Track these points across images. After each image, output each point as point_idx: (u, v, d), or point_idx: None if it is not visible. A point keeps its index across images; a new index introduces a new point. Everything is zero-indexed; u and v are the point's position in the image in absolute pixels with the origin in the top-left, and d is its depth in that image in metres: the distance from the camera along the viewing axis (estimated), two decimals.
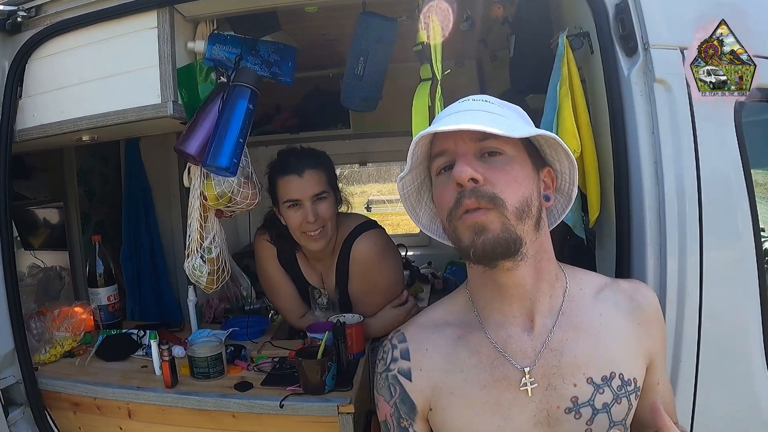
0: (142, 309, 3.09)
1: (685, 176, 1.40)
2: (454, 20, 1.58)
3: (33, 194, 2.91)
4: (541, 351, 1.09)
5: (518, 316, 1.11)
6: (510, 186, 1.02)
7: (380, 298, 2.08)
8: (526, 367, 1.08)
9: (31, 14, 1.71)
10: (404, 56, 1.80)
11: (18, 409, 1.77)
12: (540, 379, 1.08)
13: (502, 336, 1.11)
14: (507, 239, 1.00)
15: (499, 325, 1.12)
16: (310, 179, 1.92)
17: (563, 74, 1.50)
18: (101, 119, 1.67)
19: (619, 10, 1.44)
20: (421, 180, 1.18)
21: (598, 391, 1.07)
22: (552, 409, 1.08)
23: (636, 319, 1.14)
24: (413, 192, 1.18)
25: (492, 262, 1.03)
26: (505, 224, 1.00)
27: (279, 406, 1.60)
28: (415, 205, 1.21)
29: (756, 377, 1.48)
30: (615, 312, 1.14)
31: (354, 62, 1.72)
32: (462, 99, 1.13)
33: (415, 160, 1.11)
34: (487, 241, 1.00)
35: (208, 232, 1.88)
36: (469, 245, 1.02)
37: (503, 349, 1.10)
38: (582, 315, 1.12)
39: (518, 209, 1.01)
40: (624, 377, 1.09)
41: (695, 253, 1.40)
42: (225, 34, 1.77)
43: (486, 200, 1.00)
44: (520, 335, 1.11)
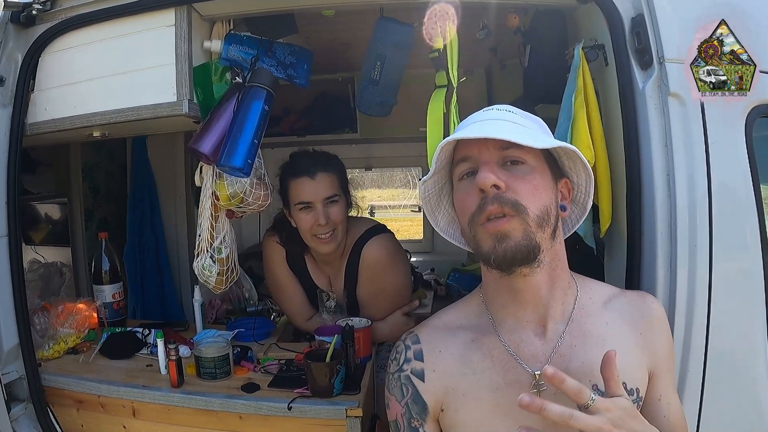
0: (144, 308, 3.08)
1: (697, 189, 1.41)
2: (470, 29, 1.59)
3: (37, 189, 2.90)
4: (552, 356, 1.10)
5: (531, 321, 1.13)
6: (531, 194, 1.04)
7: (388, 303, 2.09)
8: (537, 371, 1.09)
9: (47, 8, 1.70)
10: (414, 63, 1.81)
11: (20, 405, 1.76)
12: (550, 384, 1.09)
13: (514, 340, 1.13)
14: (527, 246, 1.03)
15: (512, 329, 1.14)
16: (322, 182, 1.92)
17: (578, 85, 1.52)
18: (115, 115, 1.66)
19: (635, 24, 1.45)
20: (442, 184, 1.20)
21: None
22: None
23: (640, 329, 1.15)
24: (434, 195, 1.20)
25: (510, 267, 1.05)
26: (526, 231, 1.03)
27: (287, 408, 1.60)
28: (435, 208, 1.23)
29: (761, 388, 1.48)
30: (620, 321, 1.15)
31: (371, 67, 1.73)
32: (486, 108, 1.15)
33: (438, 165, 1.12)
34: (508, 248, 1.02)
35: (219, 232, 1.87)
36: (489, 252, 1.04)
37: (516, 353, 1.12)
38: (590, 323, 1.14)
39: (539, 217, 1.04)
40: (627, 386, 1.10)
41: (705, 265, 1.41)
42: (242, 35, 1.77)
43: (509, 206, 1.02)
44: (533, 340, 1.12)
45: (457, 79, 1.63)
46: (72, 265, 2.96)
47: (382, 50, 1.71)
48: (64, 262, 2.95)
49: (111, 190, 3.24)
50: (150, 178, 3.19)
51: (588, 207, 1.19)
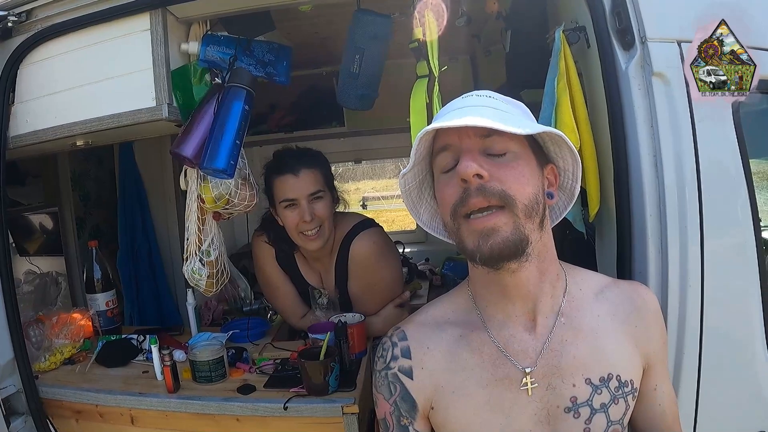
0: (140, 313, 3.07)
1: (685, 167, 1.40)
2: (449, 16, 1.58)
3: (28, 200, 2.89)
4: (542, 351, 1.09)
5: (521, 316, 1.11)
6: (518, 182, 1.00)
7: (380, 297, 2.08)
8: (528, 368, 1.08)
9: (22, 19, 1.69)
10: (396, 53, 1.79)
11: (20, 419, 1.75)
12: (540, 379, 1.08)
13: (504, 336, 1.11)
14: (516, 241, 1.00)
15: (501, 324, 1.12)
16: (305, 178, 1.92)
17: (560, 69, 1.50)
18: (96, 124, 1.65)
19: (616, 4, 1.43)
20: (423, 176, 1.16)
21: (596, 392, 1.08)
22: (552, 408, 1.08)
23: (634, 321, 1.14)
24: (415, 188, 1.17)
25: (498, 264, 1.02)
26: (516, 224, 0.99)
27: (283, 408, 1.59)
28: (416, 202, 1.20)
29: (758, 364, 1.48)
30: (613, 314, 1.14)
31: (350, 60, 1.71)
32: (465, 94, 1.12)
33: (417, 157, 1.09)
34: (494, 245, 0.99)
35: (206, 234, 1.87)
36: (474, 249, 1.01)
37: (505, 349, 1.10)
38: (581, 316, 1.13)
39: (527, 207, 1.00)
40: (621, 378, 1.10)
41: (696, 243, 1.40)
42: (219, 35, 1.75)
43: (496, 198, 0.98)
44: (522, 335, 1.11)
45: (439, 68, 1.61)
46: (67, 274, 2.95)
47: (360, 43, 1.69)
48: (59, 272, 2.95)
49: (101, 197, 3.23)
50: (139, 182, 3.16)
51: (576, 193, 1.16)
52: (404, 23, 1.75)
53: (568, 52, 1.51)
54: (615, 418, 1.09)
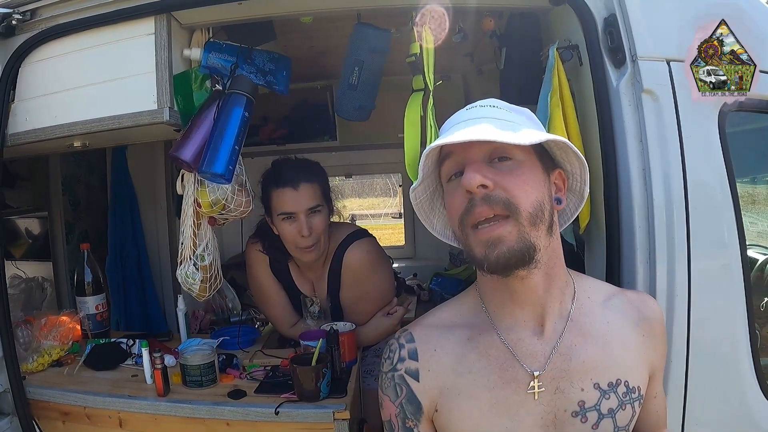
0: (127, 319, 3.05)
1: (673, 183, 1.44)
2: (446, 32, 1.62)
3: (16, 203, 2.87)
4: (551, 355, 1.10)
5: (529, 321, 1.12)
6: (522, 190, 1.01)
7: (372, 306, 2.09)
8: (536, 371, 1.09)
9: (26, 18, 1.70)
10: (391, 69, 1.83)
11: (5, 419, 1.74)
12: (548, 383, 1.09)
13: (512, 339, 1.12)
14: (522, 249, 1.00)
15: (510, 328, 1.12)
16: (305, 192, 1.92)
17: (554, 85, 1.54)
18: (96, 124, 1.66)
19: (608, 24, 1.49)
20: (433, 188, 1.19)
21: (605, 397, 1.09)
22: (559, 412, 1.09)
23: (642, 330, 1.16)
24: (426, 200, 1.20)
25: (506, 272, 1.03)
26: (521, 232, 1.00)
27: (274, 413, 1.59)
28: (429, 213, 1.22)
29: (744, 380, 1.51)
30: (622, 321, 1.15)
31: (349, 72, 1.74)
32: (469, 105, 1.14)
33: (426, 171, 1.11)
34: (501, 254, 1.00)
35: (201, 239, 1.87)
36: (482, 259, 1.02)
37: (514, 352, 1.11)
38: (590, 321, 1.13)
39: (532, 214, 1.01)
40: (629, 384, 1.10)
41: (683, 260, 1.44)
42: (221, 42, 1.78)
43: (501, 206, 1.00)
44: (531, 339, 1.11)
45: (434, 83, 1.65)
46: (54, 279, 2.93)
47: (359, 55, 1.73)
48: (46, 277, 2.92)
49: (91, 203, 3.21)
50: (130, 189, 3.15)
51: (585, 194, 1.17)
52: (399, 40, 1.80)
53: (561, 69, 1.56)
54: (622, 423, 1.09)
